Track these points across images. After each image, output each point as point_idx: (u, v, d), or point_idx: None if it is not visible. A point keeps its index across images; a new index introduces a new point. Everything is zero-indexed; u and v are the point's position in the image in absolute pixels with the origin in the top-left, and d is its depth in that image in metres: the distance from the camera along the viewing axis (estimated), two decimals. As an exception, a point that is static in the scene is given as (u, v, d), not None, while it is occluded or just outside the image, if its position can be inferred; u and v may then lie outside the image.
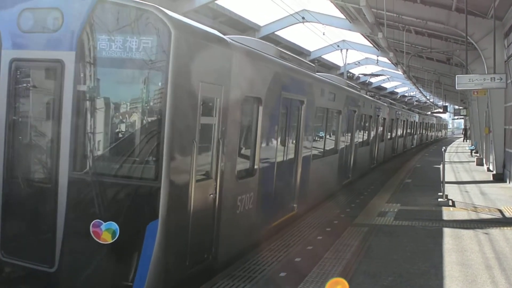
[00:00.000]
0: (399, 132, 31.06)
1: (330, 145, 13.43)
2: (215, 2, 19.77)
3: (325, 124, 12.93)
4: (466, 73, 16.59)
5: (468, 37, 15.83)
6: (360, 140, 17.63)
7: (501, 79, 14.18)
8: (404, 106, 40.59)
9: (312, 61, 30.98)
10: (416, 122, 40.53)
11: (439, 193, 13.01)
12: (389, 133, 26.30)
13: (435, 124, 60.98)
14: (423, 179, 18.17)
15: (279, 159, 8.91)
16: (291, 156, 9.76)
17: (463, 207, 12.33)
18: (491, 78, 14.38)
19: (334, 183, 13.98)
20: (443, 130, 76.65)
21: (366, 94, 22.13)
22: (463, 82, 14.84)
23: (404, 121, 32.31)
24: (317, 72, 13.21)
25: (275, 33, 26.19)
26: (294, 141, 9.94)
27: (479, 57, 18.37)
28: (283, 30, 26.47)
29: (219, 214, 6.49)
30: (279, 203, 9.03)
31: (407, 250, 8.26)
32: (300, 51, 30.78)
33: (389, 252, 8.11)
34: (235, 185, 7.00)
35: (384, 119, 23.57)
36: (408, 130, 35.48)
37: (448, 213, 11.51)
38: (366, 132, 18.95)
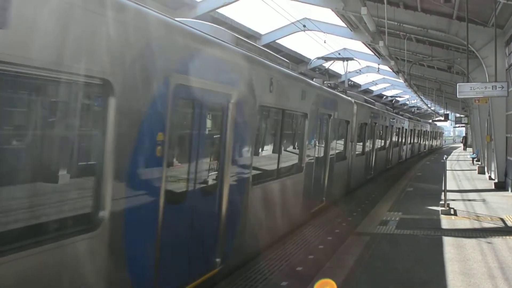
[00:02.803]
0: (379, 142, 22.56)
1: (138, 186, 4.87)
2: (216, 10, 19.83)
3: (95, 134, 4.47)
4: (467, 81, 16.61)
5: (469, 45, 15.86)
6: (272, 165, 8.85)
7: (503, 87, 14.18)
8: (389, 107, 32.38)
9: (313, 69, 31.09)
10: (406, 129, 32.93)
11: (441, 202, 12.98)
12: (360, 145, 17.75)
13: (429, 131, 52.86)
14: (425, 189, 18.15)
15: None
16: None
17: (465, 216, 12.28)
18: (492, 86, 14.38)
19: None
20: (438, 139, 68.12)
21: (324, 85, 13.53)
22: (465, 90, 14.84)
23: (386, 127, 24.20)
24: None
25: (276, 41, 26.24)
26: None
27: (480, 65, 18.38)
28: (284, 39, 26.52)
29: None
30: None
31: (409, 259, 8.22)
32: (301, 59, 30.83)
33: (391, 261, 8.07)
34: None
35: (348, 122, 15.16)
36: (394, 140, 27.46)
37: (450, 222, 11.46)
38: (297, 146, 10.43)
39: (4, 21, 3.34)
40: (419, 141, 43.20)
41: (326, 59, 19.31)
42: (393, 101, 44.89)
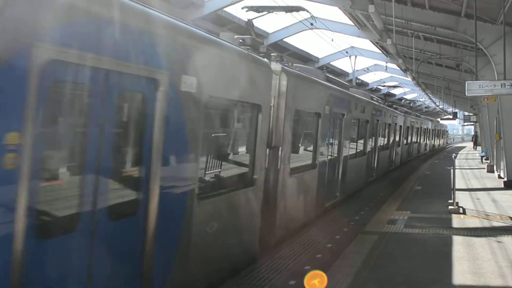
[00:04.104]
0: (353, 145, 15.99)
1: None
2: (224, 9, 19.83)
3: None
4: (476, 79, 16.48)
5: (477, 43, 15.74)
6: None
7: (512, 85, 14.06)
8: (373, 96, 24.22)
9: (321, 67, 30.99)
10: (400, 126, 26.57)
11: (450, 201, 12.90)
12: (306, 152, 11.00)
13: (430, 129, 44.72)
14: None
15: None
16: None
17: (474, 215, 12.20)
18: (501, 84, 14.25)
19: None
20: (441, 138, 59.71)
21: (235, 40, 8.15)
22: (473, 88, 14.72)
23: (367, 122, 17.65)
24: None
25: (284, 40, 26.21)
26: None
27: (489, 63, 18.25)
28: (292, 37, 26.48)
29: None
30: None
31: (417, 258, 8.17)
32: (309, 58, 30.79)
33: (399, 260, 8.03)
34: None
35: (258, 107, 7.58)
36: (382, 140, 21.40)
37: (459, 221, 11.39)
38: None
39: None
40: (418, 141, 36.12)
41: (258, 9, 11.32)
42: (386, 92, 37.11)
